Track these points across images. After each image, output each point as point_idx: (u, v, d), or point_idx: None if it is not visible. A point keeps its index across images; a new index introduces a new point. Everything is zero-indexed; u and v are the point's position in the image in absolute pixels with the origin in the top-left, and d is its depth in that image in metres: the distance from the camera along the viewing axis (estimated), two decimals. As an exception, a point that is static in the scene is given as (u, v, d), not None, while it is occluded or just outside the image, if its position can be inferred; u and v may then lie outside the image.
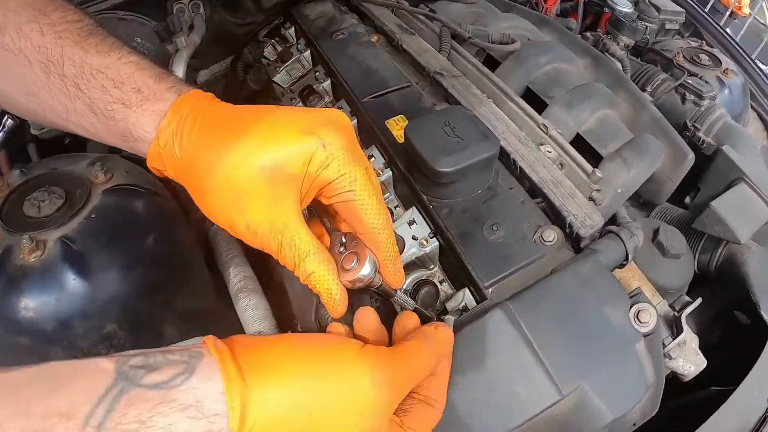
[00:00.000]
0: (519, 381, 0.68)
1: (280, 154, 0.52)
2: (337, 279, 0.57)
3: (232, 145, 0.52)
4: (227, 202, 0.52)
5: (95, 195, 0.86)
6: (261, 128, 0.53)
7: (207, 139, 0.53)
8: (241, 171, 0.51)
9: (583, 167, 0.87)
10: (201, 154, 0.53)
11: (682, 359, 0.82)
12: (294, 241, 0.53)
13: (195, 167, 0.54)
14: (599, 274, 0.74)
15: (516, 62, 1.06)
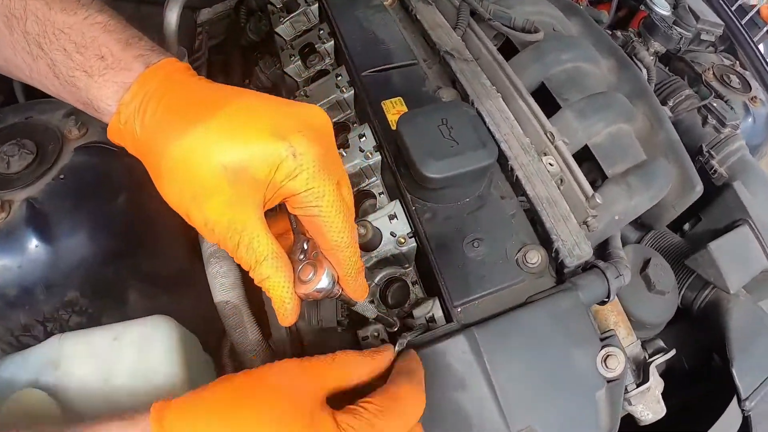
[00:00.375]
0: (469, 411, 0.66)
1: (245, 154, 0.48)
2: (291, 288, 0.53)
3: (197, 135, 0.48)
4: (186, 195, 0.50)
5: (67, 152, 0.82)
6: (230, 120, 0.49)
7: (171, 123, 0.49)
8: (203, 167, 0.48)
9: (584, 189, 0.80)
10: (162, 139, 0.49)
11: (641, 405, 0.79)
12: (252, 243, 0.50)
13: (154, 152, 0.50)
14: (575, 313, 0.70)
15: (535, 55, 0.97)
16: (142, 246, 0.90)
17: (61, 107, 0.89)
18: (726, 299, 0.94)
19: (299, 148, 0.49)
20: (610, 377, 0.71)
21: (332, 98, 0.94)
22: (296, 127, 0.50)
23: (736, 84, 1.24)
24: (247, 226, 0.50)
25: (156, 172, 0.51)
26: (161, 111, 0.50)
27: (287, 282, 0.52)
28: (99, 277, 0.82)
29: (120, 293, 0.88)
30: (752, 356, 0.88)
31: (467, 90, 0.87)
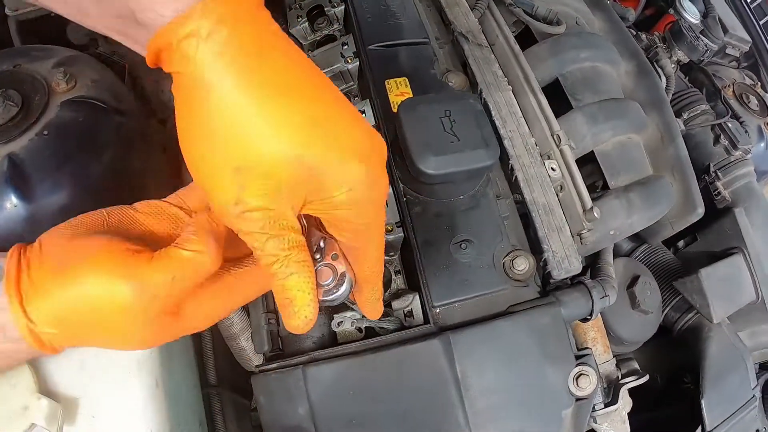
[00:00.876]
0: (435, 415, 0.65)
1: (325, 159, 0.42)
2: (314, 293, 0.47)
3: (280, 111, 0.40)
4: (227, 165, 0.41)
5: (53, 106, 0.80)
6: (318, 114, 0.42)
7: (251, 77, 0.40)
8: (274, 145, 0.40)
9: (583, 200, 0.77)
10: (233, 87, 0.39)
11: (606, 424, 0.79)
12: (285, 239, 0.44)
13: (211, 94, 0.40)
14: (554, 329, 0.68)
15: (553, 49, 0.92)
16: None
17: (51, 55, 0.85)
18: (707, 327, 0.93)
19: (373, 179, 0.44)
20: (579, 396, 0.69)
21: (336, 68, 0.88)
22: (379, 153, 0.45)
23: (754, 105, 1.20)
24: (286, 222, 0.44)
25: (196, 115, 0.41)
26: (245, 55, 0.40)
27: (312, 286, 0.46)
28: None
29: None
30: (722, 390, 0.87)
31: (477, 78, 0.82)
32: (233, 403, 0.96)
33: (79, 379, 0.63)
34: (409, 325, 0.70)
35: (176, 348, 0.77)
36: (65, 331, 0.46)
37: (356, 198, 0.44)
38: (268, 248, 0.44)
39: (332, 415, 0.66)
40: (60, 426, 0.59)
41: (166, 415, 0.66)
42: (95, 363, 0.64)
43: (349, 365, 0.66)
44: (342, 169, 0.43)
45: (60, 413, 0.59)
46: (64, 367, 0.64)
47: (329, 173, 0.42)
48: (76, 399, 0.63)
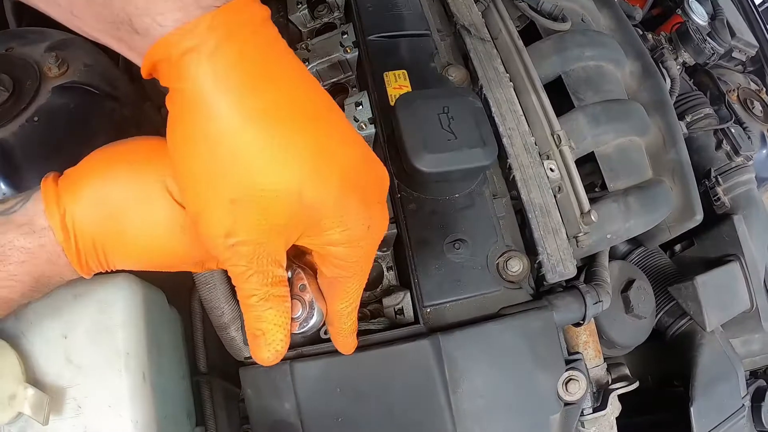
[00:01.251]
0: (421, 416, 0.64)
1: (324, 199, 0.40)
2: (288, 330, 0.47)
3: (287, 143, 0.38)
4: (223, 195, 0.39)
5: (44, 91, 0.78)
6: (325, 150, 0.40)
7: (255, 104, 0.37)
8: (276, 179, 0.38)
9: (581, 202, 0.75)
10: (234, 110, 0.37)
11: (594, 429, 0.78)
12: (269, 274, 0.43)
13: (210, 116, 0.37)
14: (546, 333, 0.67)
15: (558, 45, 0.90)
16: None
17: (44, 39, 0.83)
18: (700, 334, 0.92)
19: (374, 224, 0.45)
20: (568, 401, 0.69)
21: (334, 57, 0.86)
22: (382, 190, 0.46)
23: (758, 112, 1.18)
24: (274, 257, 0.43)
25: (195, 139, 0.38)
26: (246, 79, 0.37)
27: (287, 321, 0.46)
28: None
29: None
30: (712, 398, 0.87)
31: (478, 72, 0.80)
32: (223, 390, 0.96)
33: (66, 370, 0.63)
34: (399, 322, 0.69)
35: (165, 340, 0.76)
36: (98, 220, 0.45)
37: (353, 237, 0.43)
38: (250, 283, 0.43)
39: (318, 411, 0.65)
40: (46, 416, 0.58)
41: (152, 407, 0.66)
42: (82, 354, 0.64)
43: (336, 362, 0.65)
44: (342, 208, 0.42)
45: (46, 403, 0.59)
46: (52, 357, 0.63)
47: (329, 211, 0.41)
48: (63, 389, 0.62)
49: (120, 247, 0.47)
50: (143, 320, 0.69)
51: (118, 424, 0.62)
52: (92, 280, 0.73)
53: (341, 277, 0.48)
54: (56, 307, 0.70)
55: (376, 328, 0.67)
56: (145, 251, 0.48)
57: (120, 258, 0.48)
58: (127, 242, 0.47)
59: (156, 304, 0.76)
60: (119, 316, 0.67)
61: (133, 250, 0.47)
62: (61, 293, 0.71)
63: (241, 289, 0.44)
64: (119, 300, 0.69)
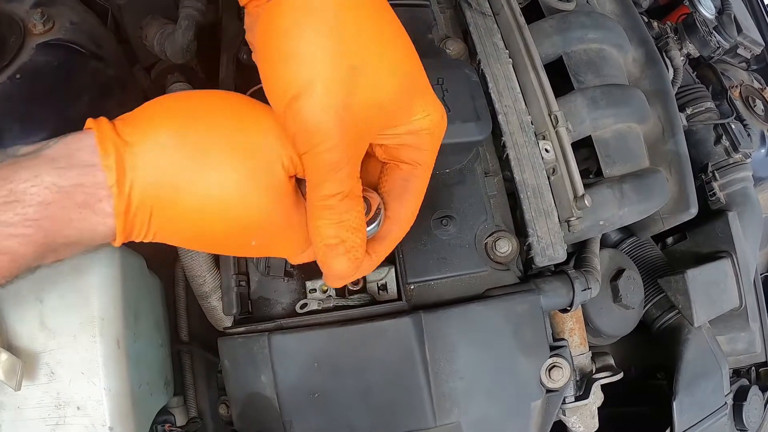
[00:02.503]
0: (400, 394, 0.63)
1: (418, 88, 0.47)
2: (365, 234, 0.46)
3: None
4: (344, 63, 0.41)
5: (27, 48, 0.76)
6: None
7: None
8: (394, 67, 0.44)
9: (575, 186, 0.73)
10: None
11: (575, 418, 0.77)
12: (364, 145, 0.45)
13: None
14: (531, 318, 0.65)
15: (561, 25, 0.87)
16: None
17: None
18: (687, 329, 0.91)
19: (444, 112, 0.49)
20: (551, 388, 0.67)
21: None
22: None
23: (760, 110, 1.16)
24: (364, 147, 0.45)
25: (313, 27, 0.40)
26: None
27: (364, 226, 0.45)
28: None
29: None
30: (695, 394, 0.86)
31: (477, 47, 0.78)
32: (204, 360, 0.95)
33: (40, 334, 0.61)
34: (381, 298, 0.67)
35: (143, 306, 0.75)
36: (172, 171, 0.40)
37: (434, 122, 0.47)
38: (341, 175, 0.42)
39: (295, 385, 0.63)
40: (19, 381, 0.56)
41: (126, 375, 0.64)
42: (56, 320, 0.62)
43: (315, 336, 0.63)
44: (429, 93, 0.47)
45: (19, 368, 0.57)
46: (26, 321, 0.62)
47: (418, 98, 0.46)
48: (37, 355, 0.61)
49: (195, 211, 0.41)
50: (119, 285, 0.67)
51: (91, 391, 0.61)
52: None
53: (416, 172, 0.49)
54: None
55: (355, 304, 0.65)
56: (233, 221, 0.42)
57: (186, 226, 0.42)
58: (211, 207, 0.41)
59: (134, 269, 0.74)
60: (95, 280, 0.65)
61: (218, 217, 0.42)
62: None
63: (323, 187, 0.42)
64: (95, 263, 0.67)
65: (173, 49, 0.86)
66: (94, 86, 0.81)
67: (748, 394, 1.02)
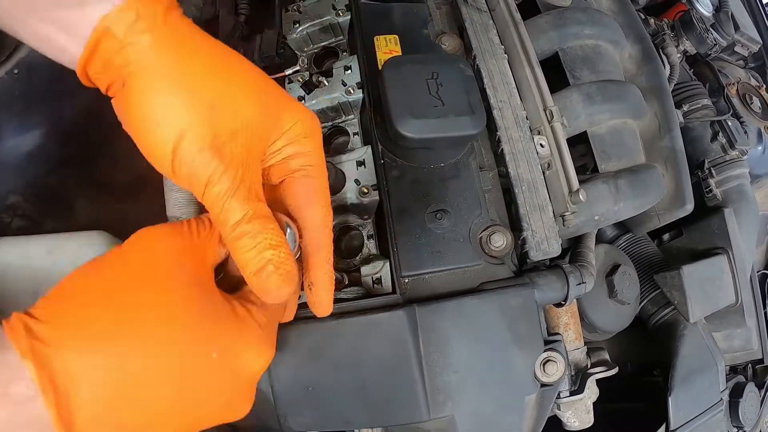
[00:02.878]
0: (394, 387, 0.63)
1: (278, 105, 0.49)
2: (288, 247, 0.47)
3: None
4: (203, 103, 0.44)
5: (25, 45, 0.76)
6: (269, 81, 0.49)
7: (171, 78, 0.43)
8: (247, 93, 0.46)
9: (569, 180, 0.73)
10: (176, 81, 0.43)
11: (570, 412, 0.77)
12: (251, 168, 0.46)
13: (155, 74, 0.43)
14: (526, 312, 0.65)
15: (556, 21, 0.87)
16: (96, 152, 0.86)
17: None
18: (683, 325, 0.91)
19: (312, 114, 0.51)
20: (545, 382, 0.67)
21: (326, 20, 0.83)
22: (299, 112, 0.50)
23: (756, 108, 1.16)
24: (254, 170, 0.47)
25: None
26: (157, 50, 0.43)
27: (283, 240, 0.46)
28: (44, 183, 0.79)
29: (67, 199, 0.84)
30: (691, 390, 0.86)
31: (472, 43, 0.78)
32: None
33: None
34: (376, 292, 0.67)
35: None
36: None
37: (305, 126, 0.49)
38: (237, 199, 0.44)
39: (290, 379, 0.63)
40: None
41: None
42: None
43: (309, 329, 0.63)
44: (291, 105, 0.49)
45: None
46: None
47: (283, 110, 0.48)
48: None
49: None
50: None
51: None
52: (66, 236, 0.72)
53: (311, 173, 0.51)
54: (29, 262, 0.68)
55: (348, 297, 0.65)
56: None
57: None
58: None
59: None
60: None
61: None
62: (35, 248, 0.69)
63: (228, 217, 0.44)
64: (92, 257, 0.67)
65: (170, 44, 0.86)
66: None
67: (744, 390, 1.02)
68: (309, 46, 0.86)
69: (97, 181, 0.86)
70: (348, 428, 0.65)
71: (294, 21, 0.85)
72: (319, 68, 0.84)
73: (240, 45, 0.87)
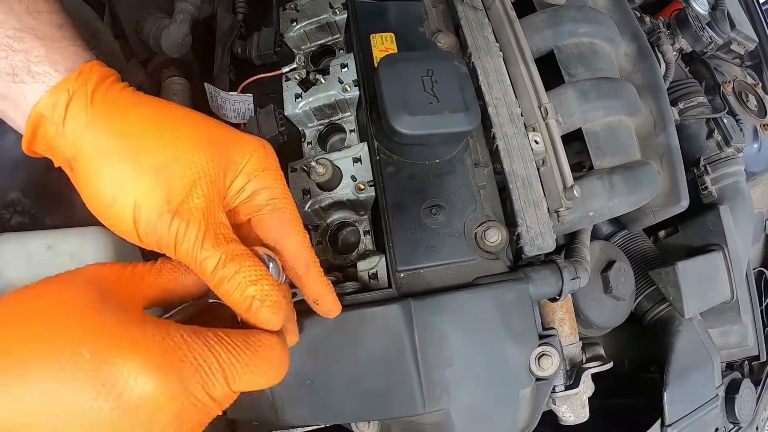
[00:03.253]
0: (390, 381, 0.63)
1: (228, 144, 0.48)
2: (271, 279, 0.47)
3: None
4: (148, 167, 0.44)
5: None
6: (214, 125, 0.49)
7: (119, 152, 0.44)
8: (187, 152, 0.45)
9: (564, 176, 0.74)
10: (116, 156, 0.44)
11: (565, 407, 0.77)
12: (213, 213, 0.46)
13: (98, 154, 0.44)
14: (520, 306, 0.66)
15: (552, 19, 0.88)
16: None
17: None
18: (678, 320, 0.91)
19: (265, 144, 0.50)
20: (540, 376, 0.68)
21: (323, 18, 0.84)
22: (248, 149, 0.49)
23: (752, 106, 1.17)
24: (217, 213, 0.46)
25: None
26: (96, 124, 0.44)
27: (265, 273, 0.46)
28: (44, 178, 0.78)
29: (66, 196, 0.82)
30: (686, 385, 0.86)
31: (468, 41, 0.78)
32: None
33: None
34: (372, 287, 0.68)
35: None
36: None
37: (260, 159, 0.49)
38: (206, 247, 0.44)
39: (288, 373, 0.64)
40: None
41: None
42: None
43: (306, 324, 0.64)
44: (239, 141, 0.48)
45: None
46: None
47: (232, 149, 0.47)
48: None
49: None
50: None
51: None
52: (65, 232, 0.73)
53: (278, 205, 0.50)
54: (29, 256, 0.68)
55: (345, 292, 0.65)
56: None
57: None
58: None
59: (129, 259, 0.75)
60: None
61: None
62: (34, 244, 0.70)
63: (205, 266, 0.44)
64: (91, 252, 0.68)
65: (168, 43, 0.87)
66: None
67: (741, 386, 1.03)
68: (306, 44, 0.87)
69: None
70: (344, 421, 0.66)
71: (291, 19, 0.86)
72: (316, 66, 0.85)
73: (238, 44, 0.88)
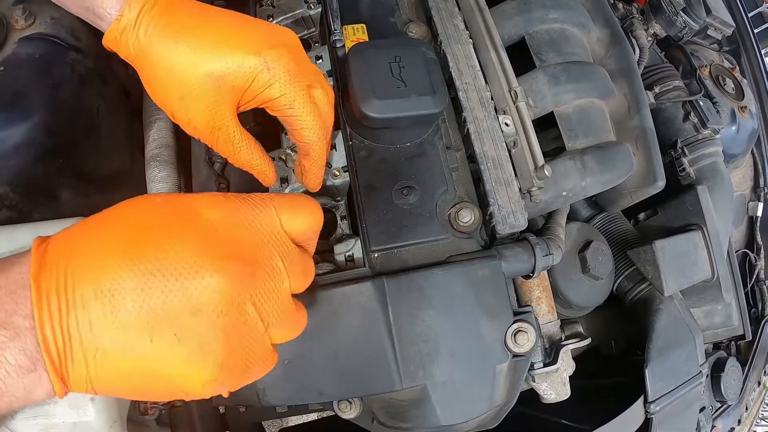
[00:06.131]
0: (366, 359, 0.65)
1: (227, 67, 0.55)
2: (268, 161, 0.63)
3: (187, 48, 0.55)
4: (174, 97, 0.56)
5: (10, 42, 0.82)
6: (215, 37, 0.56)
7: (165, 37, 0.55)
8: (191, 73, 0.55)
9: (535, 157, 0.76)
10: (156, 48, 0.55)
11: (545, 384, 0.79)
12: (229, 137, 0.59)
13: (148, 59, 0.56)
14: (493, 282, 0.67)
15: (521, 6, 0.90)
16: (80, 144, 0.88)
17: None
18: (658, 299, 0.92)
19: (272, 63, 0.56)
20: (517, 352, 0.69)
21: (298, 13, 0.86)
22: (270, 44, 0.56)
23: (729, 89, 1.18)
24: (225, 125, 0.57)
25: (148, 76, 0.57)
26: (155, 26, 0.54)
27: (262, 159, 0.62)
28: (30, 174, 0.81)
29: (53, 190, 0.86)
30: (667, 362, 0.87)
31: (438, 29, 0.80)
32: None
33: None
34: (348, 269, 0.69)
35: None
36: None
37: (265, 80, 0.56)
38: (221, 147, 0.59)
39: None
40: None
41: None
42: None
43: (283, 306, 0.65)
44: (240, 68, 0.55)
45: None
46: None
47: (235, 76, 0.55)
48: None
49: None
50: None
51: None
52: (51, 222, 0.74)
53: (293, 118, 0.58)
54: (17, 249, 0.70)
55: (322, 272, 0.67)
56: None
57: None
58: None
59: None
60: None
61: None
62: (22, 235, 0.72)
63: (222, 153, 0.60)
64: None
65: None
66: (72, 76, 0.86)
67: (726, 365, 1.04)
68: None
69: (83, 173, 0.88)
70: (324, 400, 0.67)
71: (268, 15, 0.87)
72: (292, 60, 0.87)
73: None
